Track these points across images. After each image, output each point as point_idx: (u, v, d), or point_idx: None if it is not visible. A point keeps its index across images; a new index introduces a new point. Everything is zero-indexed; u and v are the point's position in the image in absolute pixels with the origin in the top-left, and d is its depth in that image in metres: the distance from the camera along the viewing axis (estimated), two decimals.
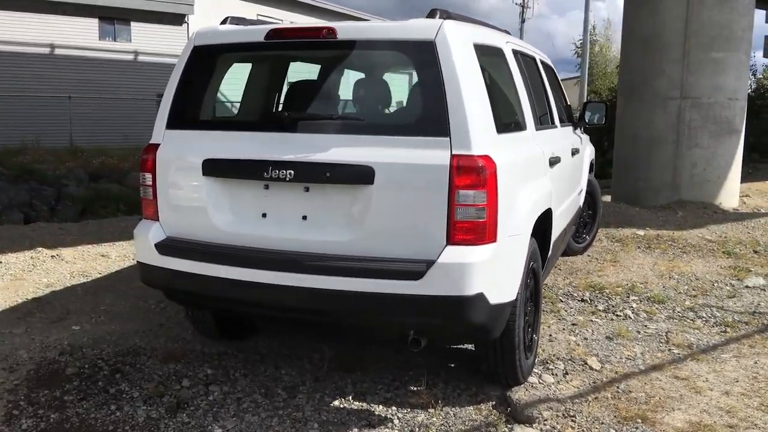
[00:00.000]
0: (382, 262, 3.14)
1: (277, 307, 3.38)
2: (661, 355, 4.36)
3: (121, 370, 4.02)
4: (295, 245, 3.30)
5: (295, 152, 3.22)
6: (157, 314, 4.97)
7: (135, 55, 26.64)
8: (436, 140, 3.09)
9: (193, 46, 3.60)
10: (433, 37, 3.16)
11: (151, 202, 3.64)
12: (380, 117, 3.33)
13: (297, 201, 3.30)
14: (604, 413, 3.58)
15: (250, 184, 3.39)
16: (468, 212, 3.06)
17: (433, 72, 3.13)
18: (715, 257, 6.77)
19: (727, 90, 9.51)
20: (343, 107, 3.30)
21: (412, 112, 3.27)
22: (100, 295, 5.42)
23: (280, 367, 4.10)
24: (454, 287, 3.05)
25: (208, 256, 3.41)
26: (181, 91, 3.58)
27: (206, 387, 3.84)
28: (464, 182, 3.04)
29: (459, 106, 3.08)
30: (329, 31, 3.28)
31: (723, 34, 9.34)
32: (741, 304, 5.36)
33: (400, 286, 3.08)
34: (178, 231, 3.59)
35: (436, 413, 3.55)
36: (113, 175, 17.61)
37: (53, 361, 4.11)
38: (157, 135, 3.64)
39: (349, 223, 3.23)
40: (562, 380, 3.96)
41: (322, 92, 3.64)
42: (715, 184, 9.71)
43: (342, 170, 3.16)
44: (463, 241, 3.09)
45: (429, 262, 3.08)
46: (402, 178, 3.12)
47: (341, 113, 3.30)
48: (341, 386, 3.86)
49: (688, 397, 3.79)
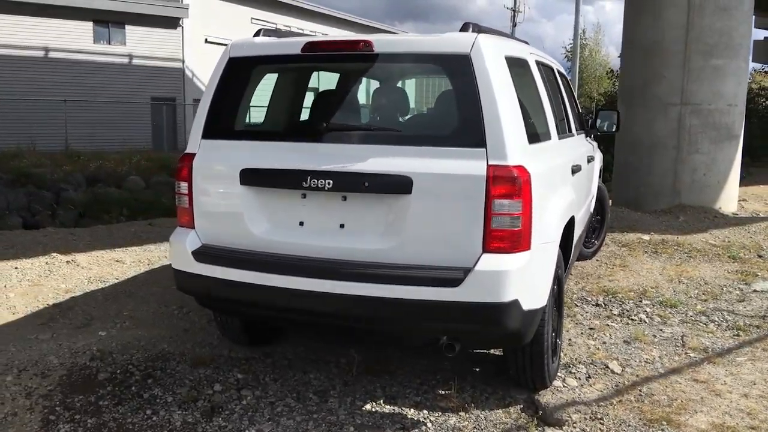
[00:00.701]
0: (419, 269, 3.22)
1: (315, 313, 3.46)
2: (678, 359, 4.46)
3: (153, 375, 4.08)
4: (332, 253, 3.38)
5: (333, 162, 3.30)
6: (181, 319, 5.03)
7: (129, 58, 26.62)
8: (472, 151, 3.18)
9: (228, 57, 3.68)
10: (468, 50, 3.25)
11: (187, 210, 3.71)
12: (417, 128, 3.42)
13: (334, 210, 3.39)
14: (630, 416, 3.68)
15: (287, 193, 3.47)
16: (504, 221, 3.15)
17: (469, 84, 3.22)
18: (722, 262, 6.90)
19: (726, 96, 9.67)
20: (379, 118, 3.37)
21: (448, 124, 3.36)
22: (120, 300, 5.48)
23: (309, 371, 4.18)
24: (491, 294, 3.14)
25: (245, 263, 3.48)
26: (217, 101, 3.65)
27: (238, 391, 3.91)
28: (500, 192, 3.13)
29: (494, 117, 3.17)
30: (366, 44, 3.36)
31: (723, 41, 9.50)
32: (751, 308, 5.49)
33: (438, 293, 3.17)
34: (214, 239, 3.66)
35: (467, 416, 3.64)
36: (111, 179, 17.61)
37: (84, 367, 4.16)
38: (193, 144, 3.71)
39: (386, 232, 3.32)
40: (585, 383, 4.06)
41: (358, 104, 3.72)
42: (715, 189, 9.87)
43: (380, 180, 3.25)
44: (499, 249, 3.18)
45: (466, 269, 3.17)
46: (439, 188, 3.21)
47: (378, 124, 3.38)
48: (371, 390, 3.94)
49: (708, 399, 3.89)
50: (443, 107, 3.40)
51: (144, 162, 19.80)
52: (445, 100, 3.34)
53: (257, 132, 3.63)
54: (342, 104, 3.85)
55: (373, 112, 3.40)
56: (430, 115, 3.41)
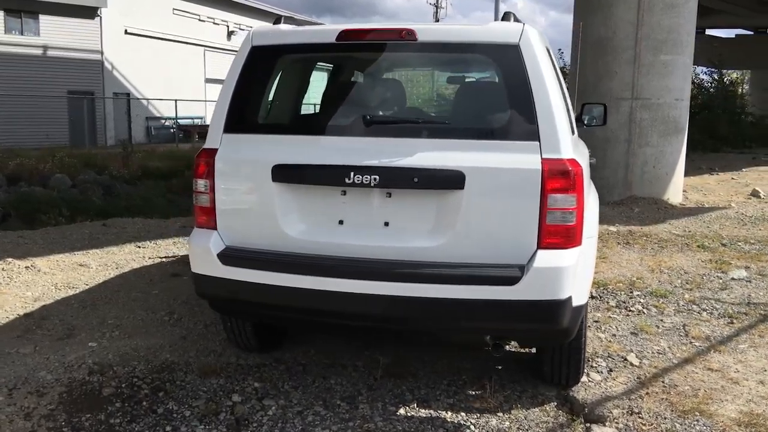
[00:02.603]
0: (473, 267, 3.10)
1: (358, 316, 3.28)
2: (686, 348, 4.53)
3: (162, 388, 3.80)
4: (376, 252, 3.21)
5: (379, 157, 3.13)
6: (174, 326, 4.72)
7: (44, 49, 25.21)
8: (526, 144, 3.09)
9: (251, 46, 3.43)
10: (517, 40, 3.15)
11: (208, 209, 3.44)
12: (466, 120, 3.29)
13: (378, 207, 3.22)
14: (662, 408, 3.68)
15: (325, 190, 3.27)
16: (559, 216, 3.08)
17: (519, 75, 3.12)
18: (692, 251, 7.11)
19: (674, 91, 10.01)
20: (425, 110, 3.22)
21: (498, 116, 3.25)
22: (99, 308, 5.10)
23: (328, 376, 3.99)
24: (549, 291, 3.06)
25: (280, 265, 3.27)
26: (240, 93, 3.40)
27: (260, 401, 3.68)
28: (555, 186, 3.05)
29: (547, 110, 3.09)
30: (409, 32, 3.20)
31: (671, 37, 9.81)
32: (734, 296, 5.65)
33: (494, 292, 3.06)
34: (241, 240, 3.42)
35: (506, 417, 3.55)
36: (34, 178, 16.58)
37: (84, 382, 3.83)
38: (214, 139, 3.44)
39: (434, 229, 3.18)
40: (608, 377, 4.05)
41: (401, 95, 3.55)
42: (664, 181, 10.21)
43: (431, 175, 3.10)
44: (554, 245, 3.10)
45: (521, 266, 3.08)
46: (493, 183, 3.09)
47: (425, 117, 3.23)
48: (398, 394, 3.79)
49: (729, 388, 3.95)
50: (492, 99, 3.29)
51: (68, 159, 18.76)
52: (494, 92, 3.23)
53: (290, 126, 3.39)
54: (384, 96, 3.67)
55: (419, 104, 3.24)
56: (478, 107, 3.28)
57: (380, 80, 3.94)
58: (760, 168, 17.22)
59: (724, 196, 11.65)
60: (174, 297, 5.31)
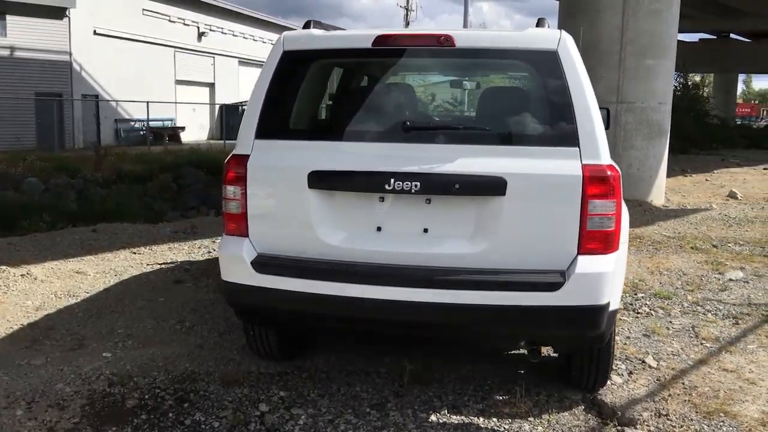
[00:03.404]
0: (514, 273, 3.11)
1: (400, 323, 3.26)
2: (698, 350, 4.60)
3: (187, 399, 3.73)
4: (415, 259, 3.19)
5: (420, 163, 3.12)
6: (188, 335, 4.64)
7: (11, 50, 24.60)
8: (566, 150, 3.10)
9: (282, 50, 3.38)
10: (555, 46, 3.17)
11: (240, 216, 3.39)
12: (506, 126, 3.30)
13: (417, 213, 3.20)
14: (686, 410, 3.73)
15: (363, 196, 3.24)
16: (599, 221, 3.10)
17: (558, 81, 3.14)
18: (687, 253, 7.24)
19: (657, 94, 10.19)
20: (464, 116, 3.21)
21: (538, 122, 3.26)
22: (106, 317, 4.99)
23: (352, 384, 3.96)
24: (591, 297, 3.08)
25: (318, 273, 3.23)
26: (272, 98, 3.35)
27: (288, 411, 3.64)
28: (596, 192, 3.08)
29: (586, 115, 3.11)
30: (447, 38, 3.19)
31: (654, 42, 9.99)
32: (734, 296, 5.77)
33: (535, 298, 3.07)
34: (274, 247, 3.37)
35: (538, 422, 3.56)
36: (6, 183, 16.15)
37: (106, 394, 3.74)
38: (245, 145, 3.39)
39: (475, 235, 3.17)
40: (629, 380, 4.09)
41: (440, 101, 3.53)
42: (647, 183, 10.38)
43: (473, 181, 3.10)
44: (593, 251, 3.12)
45: (562, 272, 3.09)
46: (534, 189, 3.10)
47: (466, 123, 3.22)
48: (426, 400, 3.78)
49: (746, 388, 4.02)
50: (531, 105, 3.30)
51: (39, 162, 18.34)
52: (533, 98, 3.24)
53: (324, 131, 3.36)
54: (421, 102, 3.65)
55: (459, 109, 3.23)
56: (517, 113, 3.29)
57: (417, 86, 3.93)
58: (731, 169, 17.65)
59: (703, 197, 11.90)
60: (182, 305, 5.22)
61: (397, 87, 3.93)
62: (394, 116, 3.47)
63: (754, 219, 9.45)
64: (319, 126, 3.41)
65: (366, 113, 3.46)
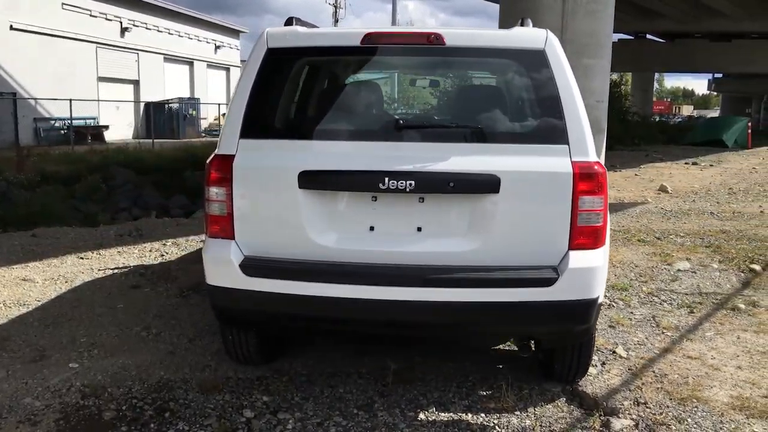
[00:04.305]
0: (508, 270, 3.14)
1: (396, 323, 3.24)
2: (661, 338, 4.77)
3: (167, 408, 3.60)
4: (409, 258, 3.18)
5: (414, 162, 3.10)
6: (156, 342, 4.48)
7: None
8: (555, 147, 3.16)
9: (267, 48, 3.30)
10: (542, 46, 3.22)
11: (224, 218, 3.29)
12: (497, 125, 3.32)
13: (411, 212, 3.19)
14: (661, 397, 3.85)
15: (356, 196, 3.21)
16: (588, 217, 3.17)
17: (547, 80, 3.19)
18: (634, 245, 7.50)
19: (596, 93, 10.45)
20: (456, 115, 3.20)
21: (528, 120, 3.29)
22: (63, 326, 4.75)
23: (335, 386, 3.91)
24: (584, 291, 3.15)
25: (309, 274, 3.17)
26: (256, 97, 3.26)
27: (274, 415, 3.57)
28: (585, 188, 3.14)
29: (574, 113, 3.17)
30: (436, 37, 3.19)
31: (592, 41, 10.26)
32: (685, 286, 6.01)
33: (531, 294, 3.11)
34: (262, 249, 3.29)
35: (526, 416, 3.61)
36: None
37: (80, 407, 3.57)
38: (229, 145, 3.29)
39: (468, 233, 3.19)
40: (603, 371, 4.19)
41: (428, 99, 3.52)
42: None
43: (468, 179, 3.11)
44: (583, 246, 3.19)
45: (554, 267, 3.15)
46: (526, 187, 3.14)
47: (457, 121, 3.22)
48: (412, 399, 3.78)
49: (712, 374, 4.19)
50: (520, 103, 3.33)
51: None
52: (522, 96, 3.28)
53: (312, 130, 3.29)
54: (410, 100, 3.63)
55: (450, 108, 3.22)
56: (507, 112, 3.32)
57: (407, 84, 3.90)
58: (656, 164, 18.39)
59: (636, 191, 12.36)
60: (143, 311, 5.03)
61: (386, 85, 3.91)
62: (384, 114, 3.45)
63: (689, 212, 9.89)
64: (307, 125, 3.35)
65: (355, 112, 3.43)
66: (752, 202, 11.17)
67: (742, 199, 11.55)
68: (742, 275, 6.46)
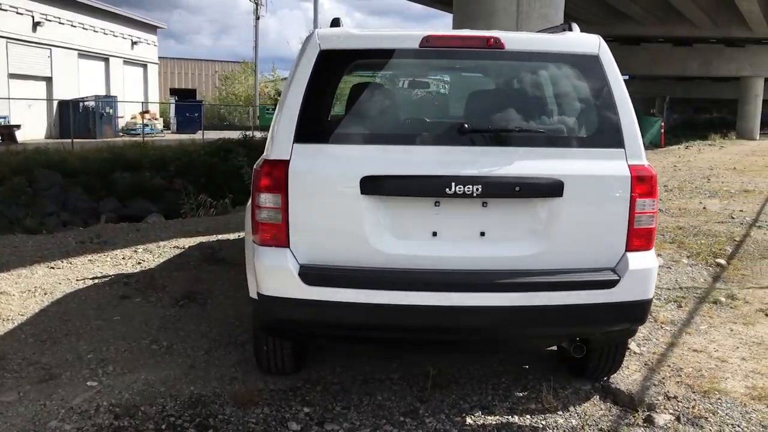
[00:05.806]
0: (571, 273, 3.18)
1: (461, 329, 3.22)
2: (662, 333, 4.95)
3: (208, 425, 3.45)
4: (473, 263, 3.17)
5: (480, 167, 3.09)
6: (171, 355, 4.27)
7: None
8: (613, 151, 3.23)
9: (319, 50, 3.20)
10: (596, 51, 3.28)
11: (279, 226, 3.17)
12: (558, 129, 3.33)
13: (474, 217, 3.17)
14: (685, 391, 4.00)
15: (419, 201, 3.16)
16: (644, 219, 3.25)
17: (602, 85, 3.25)
18: None
19: None
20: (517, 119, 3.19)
21: (587, 124, 3.32)
22: (62, 341, 4.46)
23: (372, 393, 3.85)
24: (644, 292, 3.23)
25: (373, 282, 3.10)
26: (309, 100, 3.16)
27: (321, 427, 3.49)
28: (642, 191, 3.22)
29: (629, 117, 3.25)
30: (496, 41, 3.19)
31: None
32: (665, 281, 6.26)
33: (593, 296, 3.16)
34: (318, 257, 3.19)
35: (569, 415, 3.67)
36: None
37: (116, 428, 3.37)
38: (282, 149, 3.17)
39: (531, 237, 3.21)
40: (623, 367, 4.31)
41: (492, 103, 3.48)
42: None
43: (533, 184, 3.13)
44: (639, 247, 3.27)
45: (613, 269, 3.21)
46: (588, 190, 3.19)
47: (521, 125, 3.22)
48: (452, 403, 3.77)
49: (722, 366, 4.39)
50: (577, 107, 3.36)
51: None
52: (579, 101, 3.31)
53: (373, 135, 3.21)
54: (470, 104, 3.58)
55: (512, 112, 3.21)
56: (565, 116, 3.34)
57: (466, 88, 3.86)
58: None
59: None
60: (144, 323, 4.79)
61: (447, 88, 3.87)
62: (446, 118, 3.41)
63: None
64: (366, 129, 3.26)
65: (416, 115, 3.38)
66: (691, 199, 11.75)
67: (680, 196, 12.13)
68: (711, 269, 6.80)
